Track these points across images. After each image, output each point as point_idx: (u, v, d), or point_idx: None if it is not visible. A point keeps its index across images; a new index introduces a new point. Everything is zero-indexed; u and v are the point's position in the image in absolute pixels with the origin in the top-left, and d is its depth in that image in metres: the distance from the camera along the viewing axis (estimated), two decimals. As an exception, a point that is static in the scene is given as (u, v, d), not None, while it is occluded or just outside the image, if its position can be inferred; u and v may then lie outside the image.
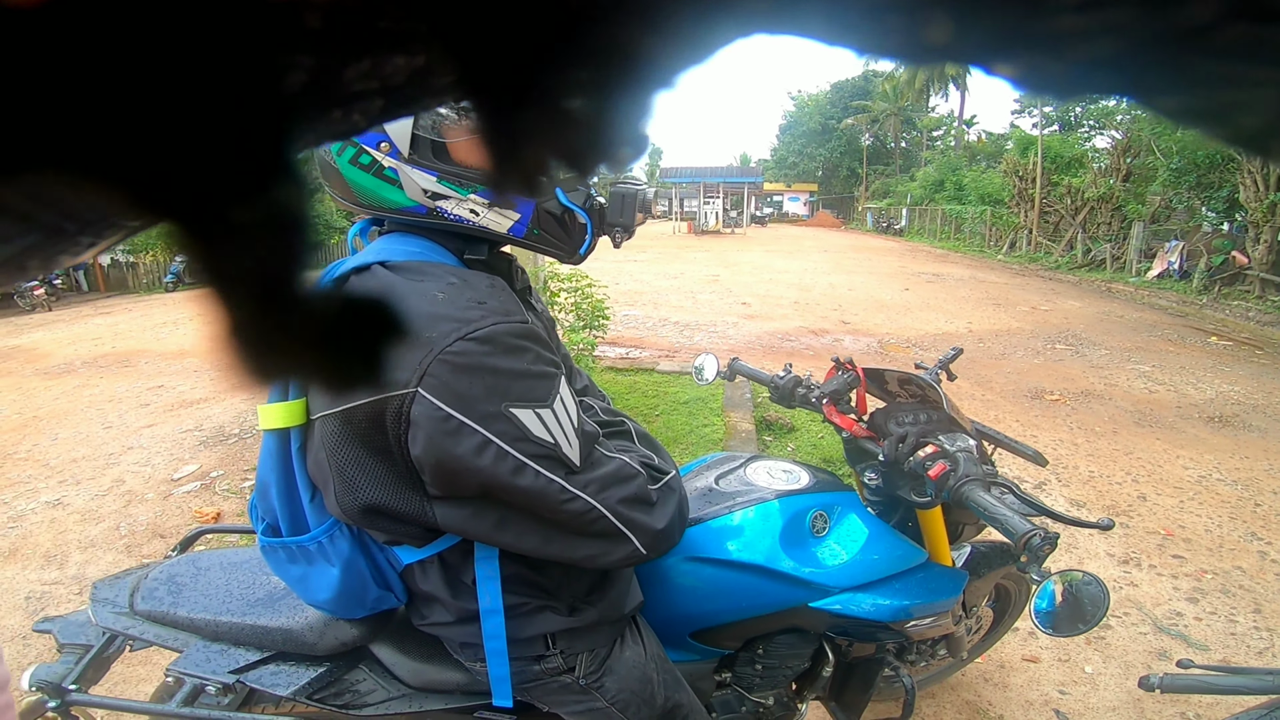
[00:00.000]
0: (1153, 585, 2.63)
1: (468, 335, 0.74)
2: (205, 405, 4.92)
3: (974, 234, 20.85)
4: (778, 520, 1.16)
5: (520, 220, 0.87)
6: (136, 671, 2.07)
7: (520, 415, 0.75)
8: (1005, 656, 2.19)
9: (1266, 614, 2.47)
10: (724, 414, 3.99)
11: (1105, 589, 0.92)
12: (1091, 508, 3.26)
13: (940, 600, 1.26)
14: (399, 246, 0.87)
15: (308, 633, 1.03)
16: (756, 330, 7.33)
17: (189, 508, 3.23)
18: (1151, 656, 2.24)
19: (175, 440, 4.17)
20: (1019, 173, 17.69)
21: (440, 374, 0.73)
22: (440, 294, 0.77)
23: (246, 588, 1.11)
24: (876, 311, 8.73)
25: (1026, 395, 5.11)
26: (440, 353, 0.73)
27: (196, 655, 1.03)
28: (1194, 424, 4.56)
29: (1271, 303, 10.14)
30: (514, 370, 0.76)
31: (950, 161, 26.69)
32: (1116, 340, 7.24)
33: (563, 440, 0.78)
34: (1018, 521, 0.93)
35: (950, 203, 23.21)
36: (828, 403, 1.33)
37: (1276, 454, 4.03)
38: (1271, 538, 3.01)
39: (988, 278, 12.96)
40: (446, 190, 0.84)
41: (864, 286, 11.15)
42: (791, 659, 1.24)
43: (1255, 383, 5.67)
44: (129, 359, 6.75)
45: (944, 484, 1.06)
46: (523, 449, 0.75)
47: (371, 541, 0.92)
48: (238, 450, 3.95)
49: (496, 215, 0.86)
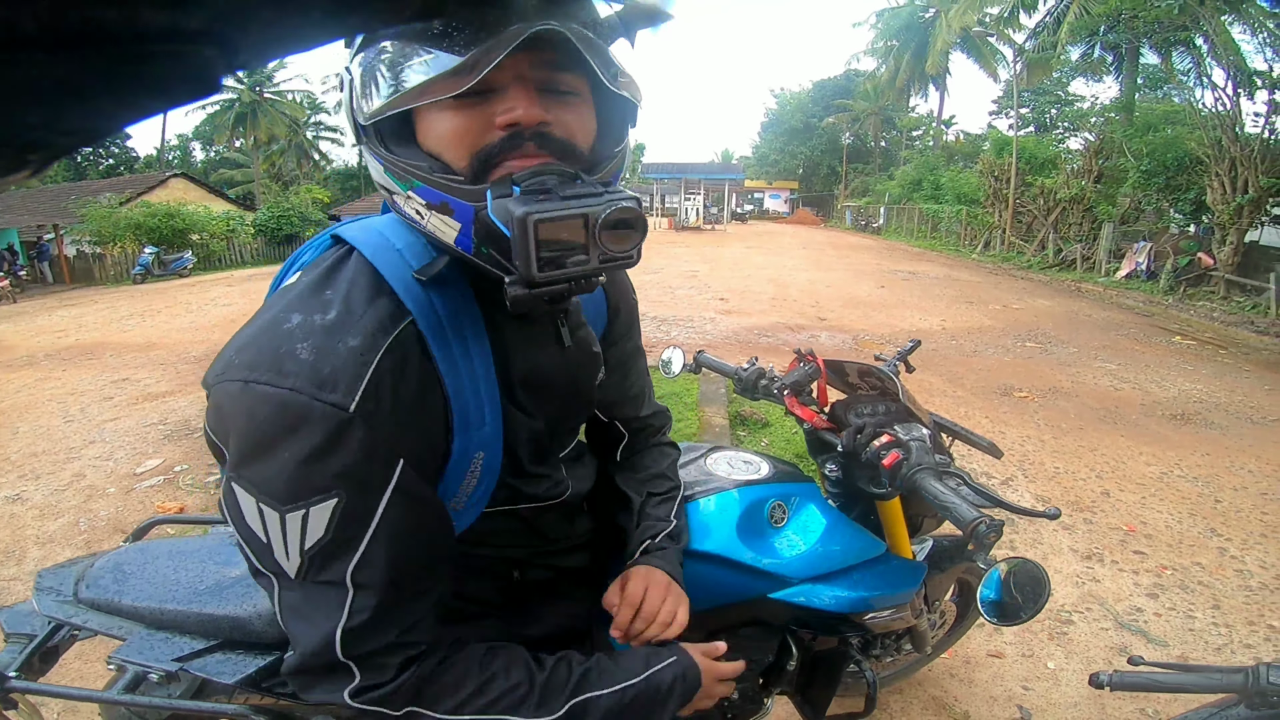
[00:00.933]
0: (1114, 581, 2.67)
1: (252, 380, 0.62)
2: (170, 398, 4.82)
3: (950, 233, 21.14)
4: (735, 510, 1.15)
5: (462, 231, 0.66)
6: (94, 669, 2.03)
7: (240, 495, 0.64)
8: (970, 652, 2.21)
9: (1225, 610, 2.51)
10: (698, 409, 4.01)
11: (1046, 576, 0.93)
12: (1057, 503, 3.31)
13: (900, 592, 1.27)
14: (380, 228, 0.75)
15: (256, 620, 1.00)
16: (734, 325, 7.37)
17: (151, 502, 3.16)
18: (1113, 652, 2.27)
19: (139, 434, 4.08)
20: (994, 173, 17.98)
21: (214, 398, 0.65)
22: (296, 315, 0.65)
23: (195, 577, 1.08)
24: (853, 308, 8.82)
25: (996, 392, 5.20)
26: (224, 379, 0.63)
27: (139, 643, 1.01)
28: (1157, 421, 4.67)
29: (1235, 303, 10.43)
30: (268, 450, 0.62)
31: (928, 161, 27.04)
32: (1084, 339, 7.39)
33: (278, 546, 0.64)
34: (966, 509, 0.94)
35: (927, 202, 23.51)
36: (789, 394, 1.33)
37: (1237, 451, 4.13)
38: (1230, 534, 3.08)
39: (962, 276, 13.15)
40: (390, 183, 0.69)
41: (841, 283, 11.25)
42: (756, 652, 1.23)
43: (1217, 381, 5.82)
44: (93, 351, 6.60)
45: (897, 472, 1.06)
46: (233, 517, 0.66)
47: None
48: (203, 444, 3.86)
49: (439, 221, 0.67)
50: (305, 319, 0.65)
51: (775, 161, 42.39)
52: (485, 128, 0.64)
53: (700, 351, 1.69)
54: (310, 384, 0.61)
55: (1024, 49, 20.16)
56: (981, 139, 26.64)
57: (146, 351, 6.44)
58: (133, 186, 20.17)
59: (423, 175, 0.65)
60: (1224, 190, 11.12)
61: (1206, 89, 12.89)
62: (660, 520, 1.02)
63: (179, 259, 15.86)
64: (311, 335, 0.64)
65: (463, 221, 0.65)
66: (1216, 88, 11.88)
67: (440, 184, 0.65)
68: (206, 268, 16.71)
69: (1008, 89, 25.25)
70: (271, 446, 0.61)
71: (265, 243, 19.19)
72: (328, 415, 0.61)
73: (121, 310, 9.56)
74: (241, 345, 0.65)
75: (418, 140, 0.67)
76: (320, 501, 0.62)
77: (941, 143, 31.97)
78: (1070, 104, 25.99)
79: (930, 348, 6.43)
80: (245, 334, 0.66)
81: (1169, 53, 17.09)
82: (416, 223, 0.69)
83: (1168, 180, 13.03)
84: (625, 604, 0.91)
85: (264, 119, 33.82)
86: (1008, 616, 0.95)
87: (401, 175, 0.67)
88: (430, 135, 0.66)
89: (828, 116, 37.73)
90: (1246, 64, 12.55)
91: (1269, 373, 6.36)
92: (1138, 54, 17.45)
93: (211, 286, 12.42)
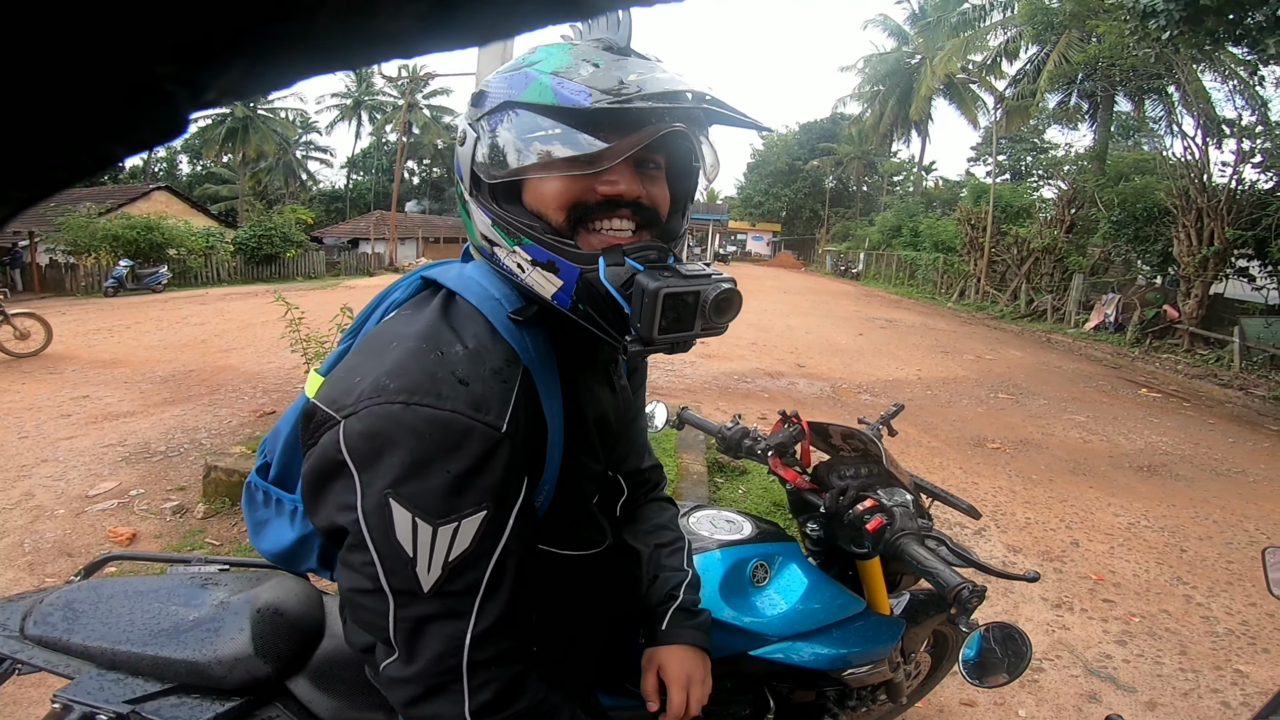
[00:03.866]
0: (1084, 628, 2.70)
1: (414, 403, 0.67)
2: (131, 419, 4.68)
3: (926, 280, 21.62)
4: (718, 570, 1.16)
5: (563, 289, 0.74)
6: (29, 693, 1.92)
7: (395, 510, 0.67)
8: (944, 701, 2.21)
9: (1191, 655, 2.56)
10: (676, 455, 3.99)
11: (1029, 643, 0.94)
12: (1028, 553, 3.35)
13: (878, 648, 1.27)
14: (482, 279, 0.80)
15: (216, 666, 0.98)
16: (714, 370, 7.39)
17: (102, 526, 3.05)
18: (1082, 699, 2.29)
19: (94, 455, 3.95)
20: (971, 221, 18.41)
21: (365, 421, 0.68)
22: (439, 350, 0.72)
23: (152, 618, 1.05)
24: (831, 355, 8.93)
25: (970, 443, 5.26)
26: (379, 401, 0.68)
27: (88, 683, 0.97)
28: (1124, 473, 4.76)
29: (1199, 356, 10.73)
30: (429, 467, 0.68)
31: (908, 207, 27.69)
32: (1054, 390, 7.55)
33: (423, 560, 0.69)
34: (948, 574, 0.96)
35: (906, 248, 24.07)
36: (773, 455, 1.34)
37: (1201, 502, 4.23)
38: (1196, 582, 3.14)
39: (937, 325, 13.43)
40: (497, 236, 0.77)
41: (820, 330, 11.41)
42: (733, 706, 1.23)
43: (1183, 434, 5.96)
44: (55, 365, 6.41)
45: (881, 537, 1.08)
46: (375, 537, 0.69)
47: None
48: (161, 469, 3.76)
49: (540, 276, 0.75)
50: (448, 350, 0.72)
51: (759, 203, 43.13)
52: (586, 191, 0.74)
53: (684, 409, 1.71)
54: (468, 406, 0.68)
55: (1004, 96, 20.92)
56: (960, 185, 27.44)
57: (111, 368, 6.28)
58: (115, 197, 19.88)
59: (535, 235, 0.74)
60: (1190, 242, 11.37)
61: (1176, 137, 13.23)
62: (676, 570, 1.05)
63: (154, 274, 15.59)
64: (459, 364, 0.71)
65: (566, 280, 0.74)
66: (1186, 136, 12.17)
67: (551, 244, 0.74)
68: (182, 284, 16.44)
69: (987, 135, 26.16)
70: (432, 463, 0.67)
71: (244, 262, 18.94)
72: (485, 436, 0.69)
73: (90, 323, 9.34)
74: (391, 372, 0.69)
75: (522, 199, 0.76)
76: (471, 515, 0.68)
77: (921, 189, 32.82)
78: (1045, 151, 26.84)
79: (906, 397, 6.51)
80: (386, 361, 0.71)
81: (1142, 101, 17.56)
82: (516, 275, 0.77)
83: (1136, 231, 13.26)
84: (675, 686, 0.96)
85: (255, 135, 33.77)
86: (989, 677, 0.95)
87: (511, 231, 0.75)
88: (536, 194, 0.75)
89: (813, 159, 38.53)
90: (1216, 112, 12.84)
91: (1232, 425, 6.54)
92: (1113, 102, 17.87)
93: (185, 304, 12.21)
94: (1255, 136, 11.07)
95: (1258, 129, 11.21)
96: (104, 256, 15.69)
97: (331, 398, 0.72)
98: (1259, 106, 12.40)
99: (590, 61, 0.71)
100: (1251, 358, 9.97)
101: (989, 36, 22.44)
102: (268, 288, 13.05)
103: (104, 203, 18.35)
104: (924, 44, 27.57)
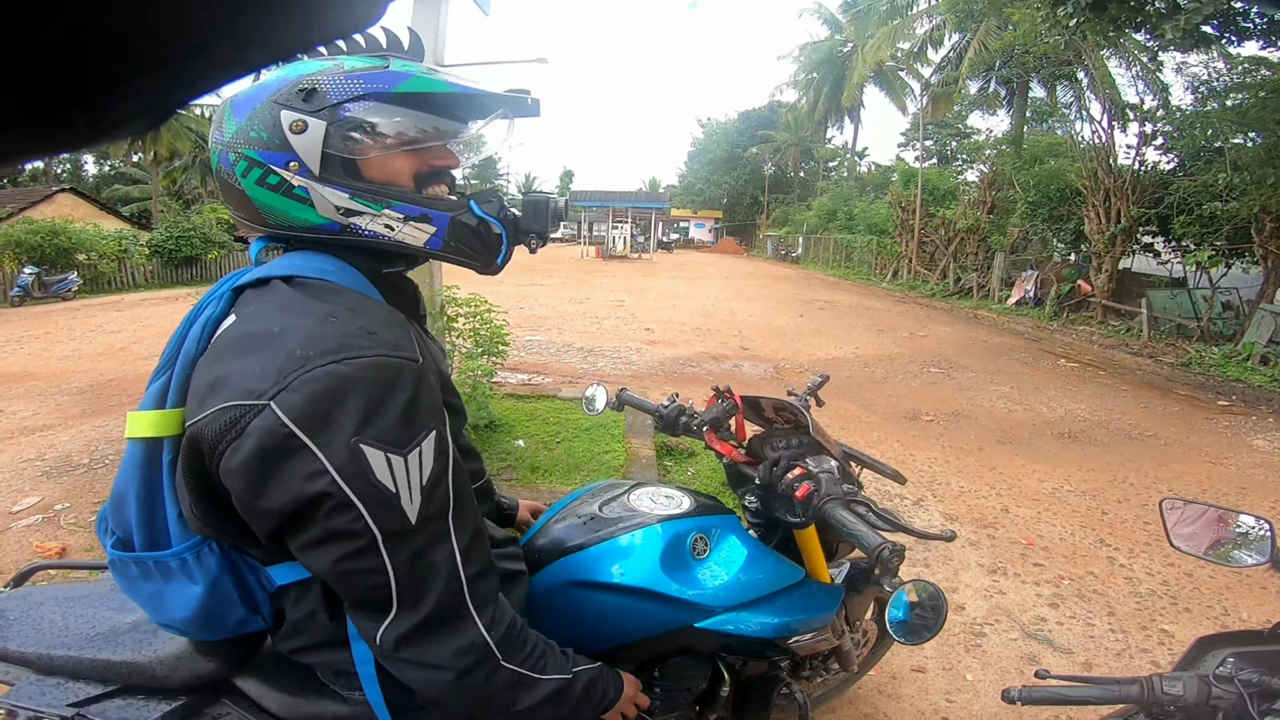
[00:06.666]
0: (1019, 593, 2.84)
1: (344, 359, 0.72)
2: (49, 432, 4.40)
3: (862, 262, 22.27)
4: (659, 544, 1.18)
5: (436, 233, 0.88)
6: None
7: (368, 453, 0.72)
8: (896, 668, 2.30)
9: (1119, 616, 2.71)
10: (625, 440, 4.02)
11: (944, 599, 1.00)
12: (963, 521, 3.52)
13: (819, 615, 1.32)
14: (308, 263, 0.85)
15: (158, 666, 0.97)
16: (659, 356, 7.46)
17: (29, 542, 2.89)
18: (1023, 661, 2.40)
19: (14, 470, 3.71)
20: (902, 204, 19.07)
21: (302, 391, 0.70)
22: (334, 316, 0.76)
23: (85, 622, 1.04)
24: (774, 337, 9.12)
25: (905, 417, 5.49)
26: (310, 369, 0.71)
27: (29, 689, 0.96)
28: (1047, 440, 5.05)
29: (1111, 327, 11.46)
30: (381, 406, 0.73)
31: (843, 192, 28.36)
32: (982, 364, 7.93)
33: (405, 491, 0.74)
34: (870, 536, 1.01)
35: (842, 232, 24.69)
36: (709, 430, 1.38)
37: (1118, 466, 4.52)
38: (1118, 544, 3.34)
39: (874, 305, 13.86)
40: (360, 206, 0.84)
41: (762, 313, 11.62)
42: (689, 680, 1.26)
43: (1099, 401, 6.36)
44: (-42, 382, 5.94)
45: (809, 503, 1.12)
46: (357, 487, 0.72)
47: (242, 560, 0.87)
48: (86, 481, 3.56)
49: (413, 229, 0.87)
50: (339, 314, 0.77)
51: (701, 191, 43.33)
52: (423, 164, 0.89)
53: (623, 390, 1.73)
54: (388, 348, 0.75)
55: (930, 83, 21.67)
56: (891, 170, 28.22)
57: (22, 382, 5.87)
58: (15, 201, 18.44)
59: (406, 197, 0.86)
60: (1099, 220, 12.10)
61: (1086, 122, 13.84)
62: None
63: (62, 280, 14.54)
64: (357, 321, 0.77)
65: (439, 225, 0.88)
66: (1094, 120, 12.84)
67: (423, 201, 0.88)
68: (94, 290, 15.40)
69: (915, 121, 26.98)
70: (383, 401, 0.73)
71: (161, 265, 17.87)
72: (411, 368, 0.77)
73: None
74: (305, 342, 0.73)
75: (364, 174, 0.85)
76: (425, 436, 0.76)
77: (855, 174, 33.64)
78: (968, 136, 27.88)
79: (845, 375, 6.73)
80: (293, 339, 0.74)
81: (1054, 87, 18.38)
82: (383, 235, 0.86)
83: (1051, 211, 13.94)
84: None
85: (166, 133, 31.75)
86: (915, 635, 1.01)
87: (374, 198, 0.84)
88: (383, 169, 0.86)
89: (752, 147, 38.92)
90: (1121, 97, 13.48)
91: (1143, 391, 7.02)
92: (1027, 88, 18.64)
93: (98, 311, 11.47)
94: (1157, 120, 11.76)
95: (1159, 113, 11.89)
96: (7, 264, 14.56)
97: (244, 390, 0.71)
98: (1160, 91, 13.16)
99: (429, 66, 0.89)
100: (1158, 328, 10.72)
101: (916, 25, 23.18)
102: (189, 291, 12.35)
103: (4, 207, 17.02)
104: (855, 32, 28.14)
